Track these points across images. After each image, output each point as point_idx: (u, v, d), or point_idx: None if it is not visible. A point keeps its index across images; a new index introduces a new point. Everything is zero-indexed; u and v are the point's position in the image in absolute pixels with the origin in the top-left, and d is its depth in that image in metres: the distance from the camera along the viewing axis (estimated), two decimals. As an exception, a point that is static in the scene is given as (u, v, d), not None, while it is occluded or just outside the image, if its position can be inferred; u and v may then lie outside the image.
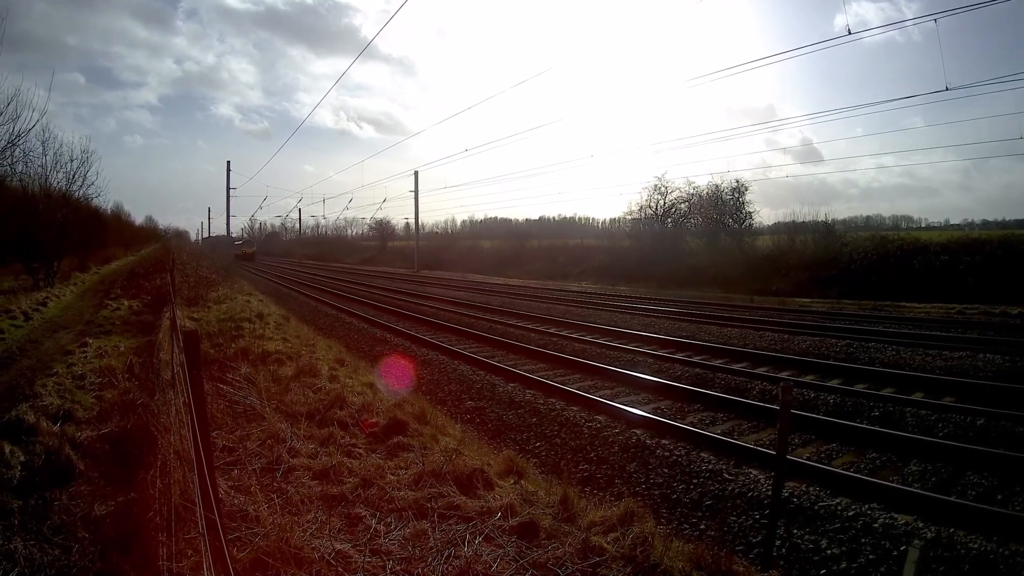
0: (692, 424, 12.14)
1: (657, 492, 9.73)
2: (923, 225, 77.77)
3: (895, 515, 8.28)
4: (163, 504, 5.95)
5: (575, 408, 13.45)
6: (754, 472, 9.86)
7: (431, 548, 5.85)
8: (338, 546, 5.60)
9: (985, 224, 68.50)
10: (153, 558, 5.21)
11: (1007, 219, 66.87)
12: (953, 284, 33.71)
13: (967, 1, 23.35)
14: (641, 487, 9.89)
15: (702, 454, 10.70)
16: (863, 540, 7.85)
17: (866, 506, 8.59)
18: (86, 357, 14.24)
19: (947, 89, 27.01)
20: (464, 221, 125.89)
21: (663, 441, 11.29)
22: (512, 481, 7.99)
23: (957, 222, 76.43)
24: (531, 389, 15.21)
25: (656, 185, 58.67)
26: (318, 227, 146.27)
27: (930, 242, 38.69)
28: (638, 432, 11.74)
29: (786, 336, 21.75)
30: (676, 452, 10.82)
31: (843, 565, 7.50)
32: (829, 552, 7.75)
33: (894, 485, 9.12)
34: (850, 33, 21.24)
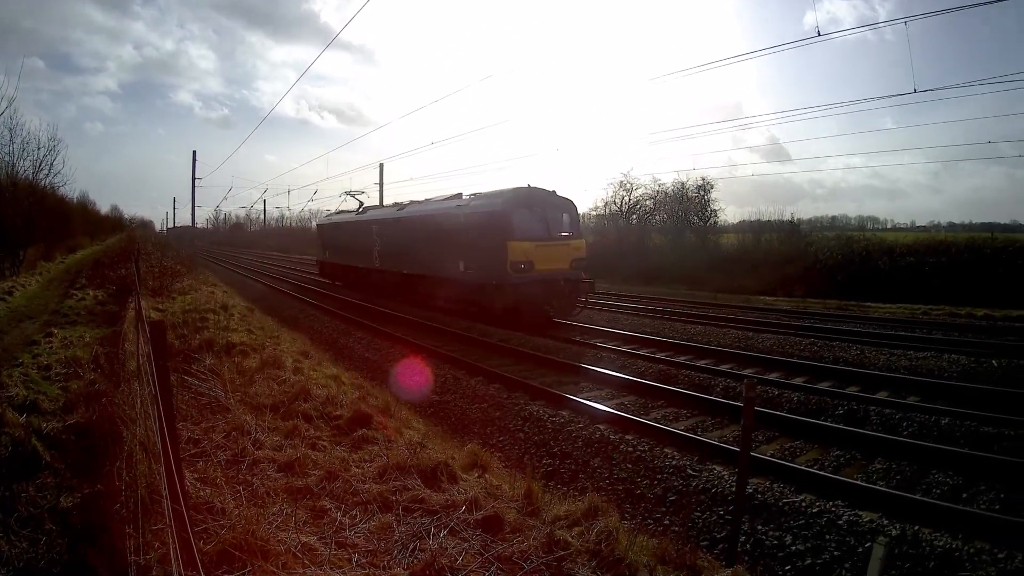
0: (656, 420, 12.28)
1: (621, 487, 9.86)
2: (889, 226, 78.12)
3: (860, 512, 8.39)
4: (130, 496, 5.96)
5: (539, 403, 13.58)
6: (718, 468, 9.97)
7: (396, 541, 5.89)
8: (304, 539, 5.62)
9: (951, 226, 69.06)
10: (121, 550, 5.22)
11: (974, 222, 67.45)
12: (919, 285, 33.95)
13: (938, 4, 23.62)
14: (605, 482, 10.04)
15: (666, 450, 10.82)
16: (828, 537, 7.95)
17: (831, 503, 8.69)
18: (52, 347, 14.15)
19: (915, 91, 27.25)
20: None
21: (627, 436, 11.42)
22: (476, 475, 8.08)
23: (923, 224, 77.00)
24: (495, 384, 15.35)
25: (621, 182, 58.50)
26: (283, 219, 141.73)
27: (896, 243, 38.94)
28: (602, 427, 11.86)
29: (751, 334, 21.95)
30: (640, 448, 10.93)
31: (808, 561, 7.64)
32: (794, 548, 7.88)
33: (858, 483, 9.27)
34: (819, 35, 21.33)
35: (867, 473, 9.95)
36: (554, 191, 26.23)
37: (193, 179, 71.49)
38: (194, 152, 71.87)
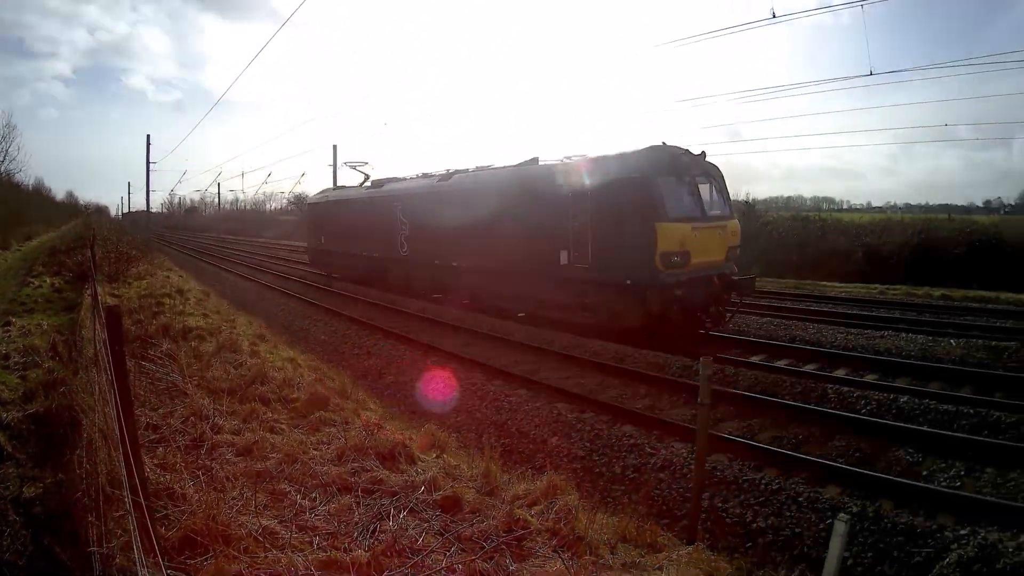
0: (613, 399, 12.35)
1: (579, 465, 10.00)
2: (845, 207, 78.58)
3: (820, 489, 8.52)
4: (91, 484, 5.96)
5: (497, 382, 13.72)
6: (677, 445, 10.11)
7: (356, 523, 5.93)
8: (264, 522, 5.62)
9: (908, 208, 69.71)
10: (84, 539, 5.22)
11: (931, 203, 68.09)
12: (875, 265, 34.17)
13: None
14: (563, 460, 10.15)
15: (624, 428, 10.97)
16: (788, 514, 8.08)
17: (790, 480, 8.83)
18: (9, 336, 13.98)
19: (871, 74, 27.41)
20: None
21: (584, 415, 11.57)
22: (435, 455, 8.16)
23: (880, 205, 77.54)
24: (451, 363, 15.39)
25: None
26: (237, 202, 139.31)
27: (852, 224, 39.19)
28: (560, 406, 12.05)
29: (707, 313, 21.81)
30: (598, 426, 11.10)
31: (769, 538, 7.78)
32: (755, 525, 8.03)
33: (818, 460, 9.37)
34: (775, 16, 21.34)
35: (827, 450, 10.03)
36: (703, 152, 18.48)
37: (147, 163, 68.88)
38: (148, 136, 69.68)
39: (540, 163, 21.55)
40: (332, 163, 65.59)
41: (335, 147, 67.25)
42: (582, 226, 17.96)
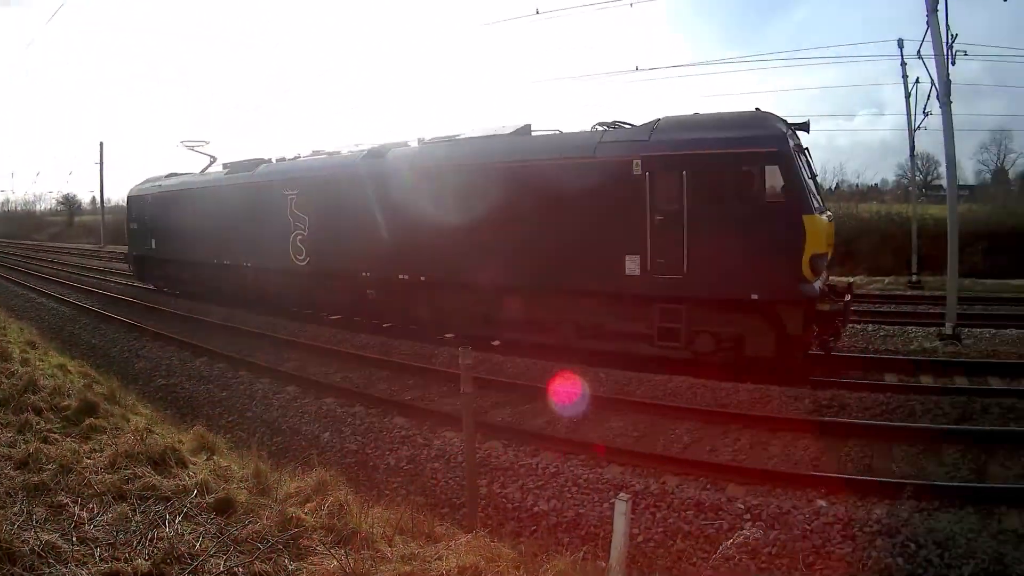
0: (382, 392, 12.65)
1: (351, 459, 10.31)
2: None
3: (601, 469, 9.01)
4: None
5: (264, 381, 13.84)
6: (449, 435, 10.50)
7: (134, 531, 5.96)
8: (46, 537, 5.58)
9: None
10: None
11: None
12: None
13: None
14: (336, 455, 10.36)
15: (395, 420, 11.36)
16: (568, 495, 8.48)
17: (567, 464, 9.28)
18: None
19: (636, 70, 28.59)
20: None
21: (354, 409, 11.86)
22: (205, 457, 8.39)
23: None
24: (220, 363, 15.49)
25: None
26: (7, 202, 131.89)
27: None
28: (329, 401, 12.31)
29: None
30: (368, 419, 11.41)
31: (553, 520, 8.16)
32: (537, 508, 8.40)
33: (594, 442, 9.82)
34: (538, 12, 21.96)
35: (604, 431, 10.51)
36: (808, 122, 13.86)
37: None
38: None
39: (584, 130, 15.50)
40: (99, 160, 61.77)
41: (101, 144, 63.71)
42: (671, 220, 13.21)
